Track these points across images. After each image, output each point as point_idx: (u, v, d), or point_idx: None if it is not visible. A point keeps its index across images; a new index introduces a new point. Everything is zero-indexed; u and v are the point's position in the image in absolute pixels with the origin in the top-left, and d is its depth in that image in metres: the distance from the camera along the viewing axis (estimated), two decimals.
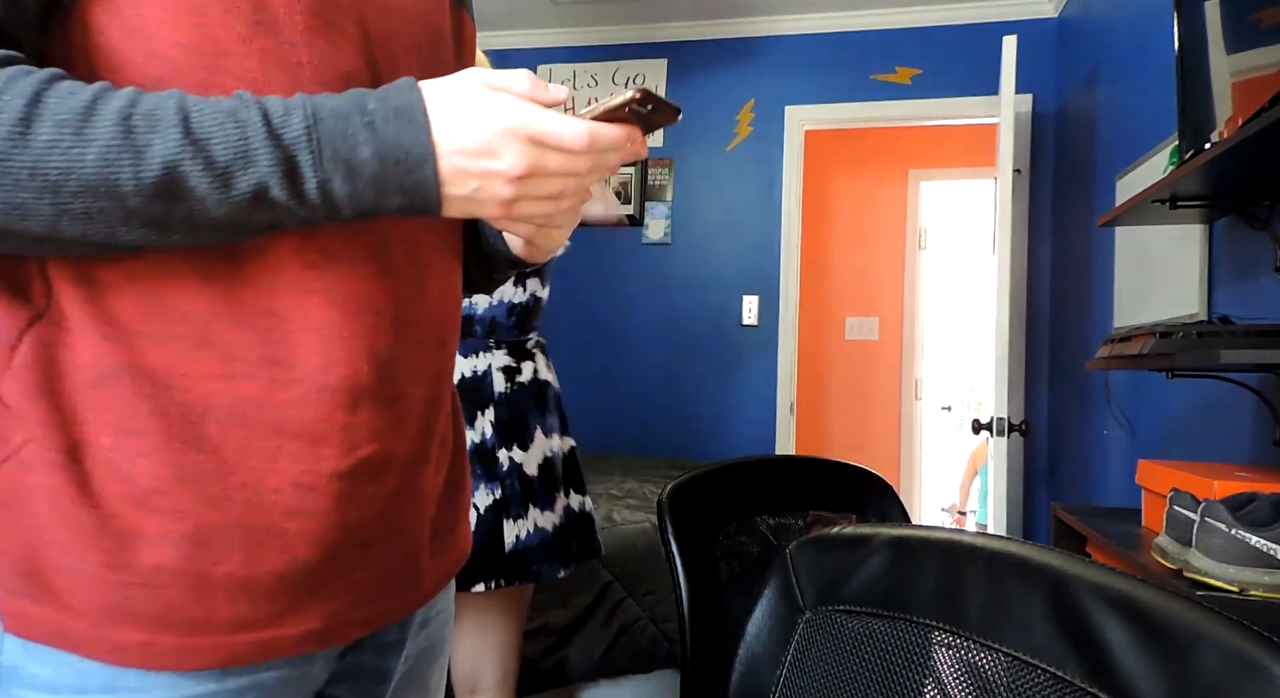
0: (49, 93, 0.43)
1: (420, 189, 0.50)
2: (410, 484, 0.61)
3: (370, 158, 0.48)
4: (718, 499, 1.14)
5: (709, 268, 3.48)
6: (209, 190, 0.45)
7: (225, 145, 0.45)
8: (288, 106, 0.47)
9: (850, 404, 4.50)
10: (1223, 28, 1.43)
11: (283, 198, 0.47)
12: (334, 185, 0.48)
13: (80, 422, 0.49)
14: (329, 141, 0.47)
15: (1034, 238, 3.16)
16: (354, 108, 0.49)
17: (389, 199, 0.50)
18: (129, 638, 0.49)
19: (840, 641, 0.57)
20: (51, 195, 0.43)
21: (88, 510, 0.49)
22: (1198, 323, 1.44)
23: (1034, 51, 3.17)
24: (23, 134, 0.42)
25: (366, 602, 0.58)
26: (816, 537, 0.62)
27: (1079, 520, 1.48)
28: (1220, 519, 0.98)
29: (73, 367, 0.50)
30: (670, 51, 3.54)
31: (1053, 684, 0.45)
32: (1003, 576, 0.49)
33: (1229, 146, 1.20)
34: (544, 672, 1.87)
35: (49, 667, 0.49)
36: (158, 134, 0.44)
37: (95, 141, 0.43)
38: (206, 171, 0.45)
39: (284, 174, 0.46)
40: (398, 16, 0.59)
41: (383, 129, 0.48)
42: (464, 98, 0.51)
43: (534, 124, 0.51)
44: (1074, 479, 2.75)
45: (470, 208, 0.53)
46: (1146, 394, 2.11)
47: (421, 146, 0.49)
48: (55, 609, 0.49)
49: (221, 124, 0.45)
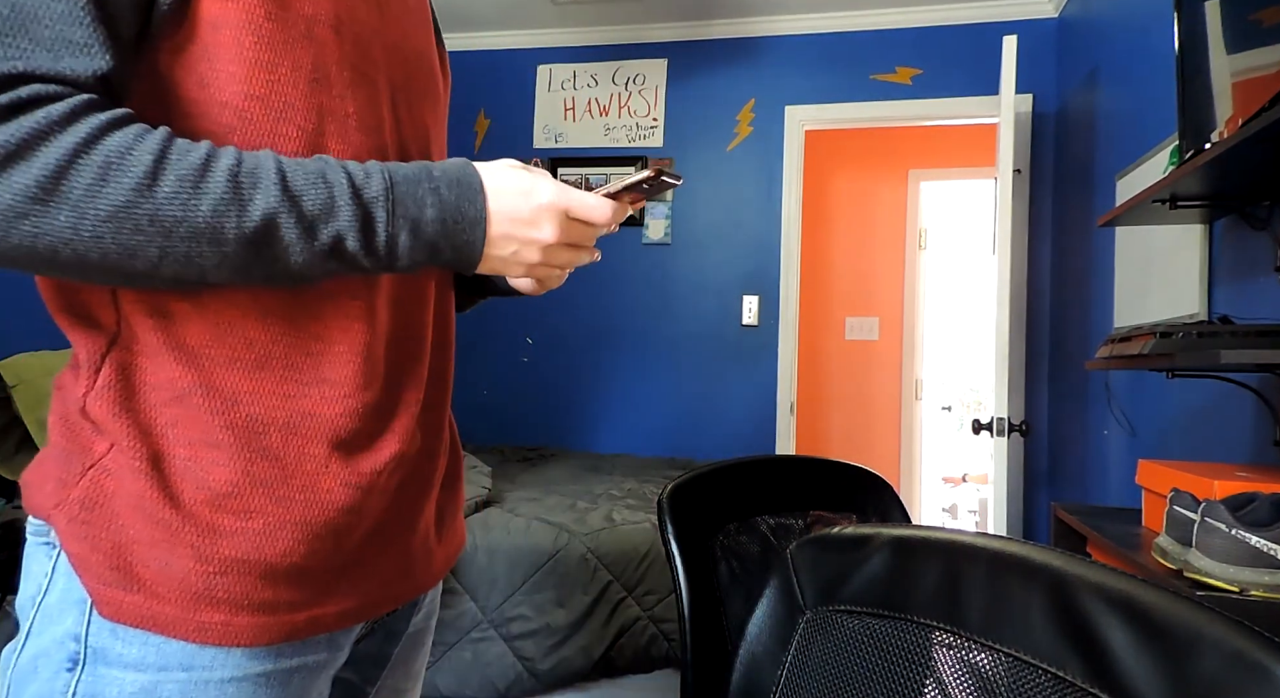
0: (171, 150, 0.50)
1: (467, 248, 0.60)
2: (420, 477, 0.69)
3: (434, 218, 0.57)
4: (718, 499, 1.14)
5: (709, 268, 3.48)
6: (295, 238, 0.53)
7: (315, 201, 0.53)
8: (368, 170, 0.56)
9: (850, 404, 4.50)
10: (1223, 28, 1.43)
11: (355, 247, 0.55)
12: (400, 240, 0.56)
13: (159, 435, 0.57)
14: (401, 201, 0.56)
15: (1034, 238, 3.16)
16: (423, 175, 0.58)
17: (440, 255, 0.59)
18: (212, 619, 0.57)
19: (841, 641, 0.57)
20: (163, 239, 0.49)
21: (171, 511, 0.56)
22: (1198, 323, 1.44)
23: (1034, 51, 3.17)
24: (149, 186, 0.49)
25: (389, 583, 0.67)
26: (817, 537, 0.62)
27: (1079, 520, 1.48)
28: (1220, 519, 0.98)
29: (149, 387, 0.57)
30: (670, 51, 3.54)
31: (1053, 685, 0.45)
32: (1003, 576, 0.49)
33: (1229, 147, 1.20)
34: (544, 672, 1.88)
35: (135, 647, 0.56)
36: (260, 189, 0.51)
37: (209, 195, 0.50)
38: (298, 223, 0.53)
39: (361, 228, 0.54)
40: (407, 65, 0.68)
41: (446, 195, 0.58)
42: (510, 175, 0.61)
43: (572, 202, 0.62)
44: (1074, 479, 2.75)
45: (500, 267, 0.63)
46: (1146, 394, 2.11)
47: (478, 211, 0.59)
48: (145, 597, 0.56)
49: (313, 183, 0.53)
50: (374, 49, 0.64)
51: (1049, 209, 3.14)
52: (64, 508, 0.57)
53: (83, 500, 0.57)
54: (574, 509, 2.21)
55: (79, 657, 0.56)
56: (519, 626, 1.91)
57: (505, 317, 3.66)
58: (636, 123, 3.54)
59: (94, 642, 0.56)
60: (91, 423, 0.57)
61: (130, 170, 0.48)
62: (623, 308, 3.55)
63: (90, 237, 0.48)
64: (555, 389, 3.60)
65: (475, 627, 1.92)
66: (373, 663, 0.74)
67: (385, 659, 0.75)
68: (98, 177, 0.48)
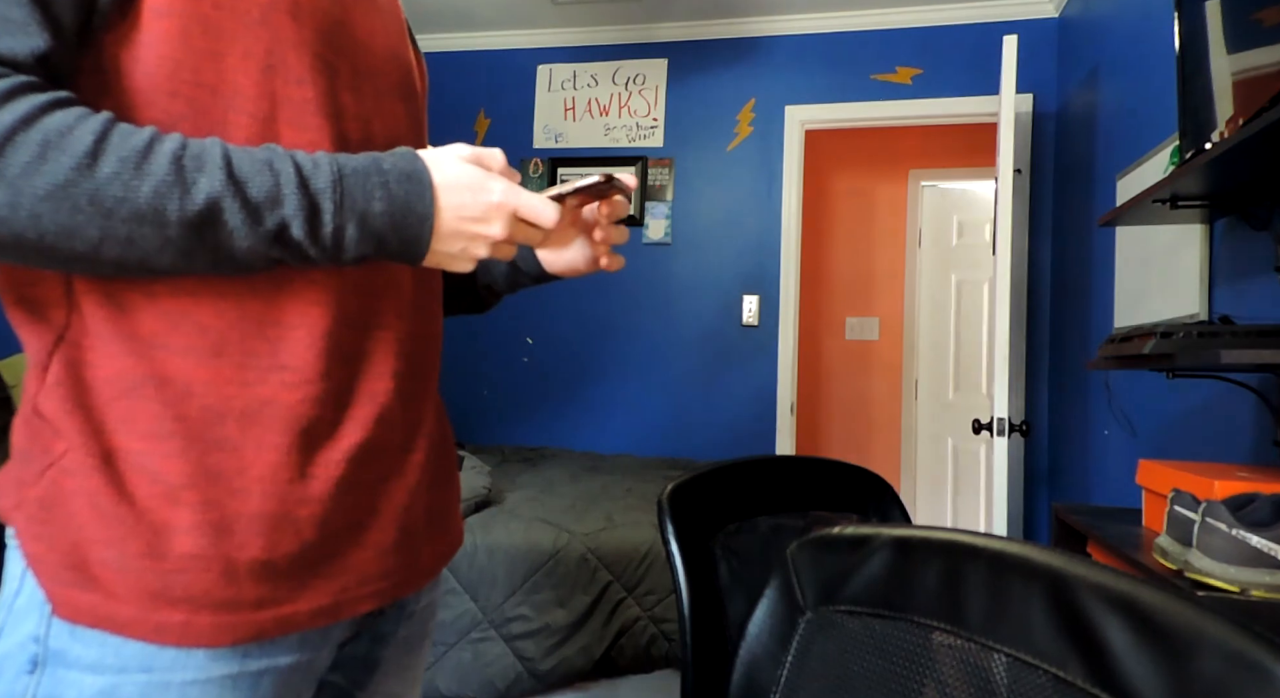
0: (114, 131, 0.50)
1: (415, 242, 0.59)
2: (397, 471, 0.68)
3: (382, 212, 0.57)
4: (718, 499, 1.14)
5: (709, 268, 3.48)
6: (240, 223, 0.52)
7: (260, 187, 0.53)
8: (316, 160, 0.55)
9: (850, 404, 4.50)
10: (1223, 27, 1.43)
11: (300, 236, 0.54)
12: (347, 231, 0.56)
13: (111, 431, 0.56)
14: (349, 193, 0.56)
15: (1034, 238, 3.16)
16: (372, 168, 0.57)
17: (386, 248, 0.58)
18: (170, 619, 0.55)
19: (841, 641, 0.57)
20: (103, 220, 0.49)
21: (125, 508, 0.55)
22: (1198, 323, 1.44)
23: (1034, 51, 3.17)
24: (89, 166, 0.48)
25: (369, 580, 0.65)
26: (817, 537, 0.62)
27: (1079, 521, 1.48)
28: (1221, 519, 0.98)
29: (100, 382, 0.56)
30: (670, 51, 3.54)
31: (1053, 685, 0.45)
32: (1004, 576, 0.49)
33: (1229, 146, 1.20)
34: (544, 672, 1.88)
35: (93, 649, 0.55)
36: (204, 173, 0.51)
37: (151, 176, 0.49)
38: (242, 208, 0.52)
39: (307, 217, 0.54)
40: (377, 56, 0.68)
41: (395, 189, 0.57)
42: (462, 171, 0.60)
43: (520, 202, 0.62)
44: (1074, 479, 2.75)
45: (445, 261, 0.62)
46: (1147, 394, 2.10)
47: (426, 207, 0.58)
48: (102, 596, 0.54)
49: (259, 170, 0.53)
50: (338, 37, 0.63)
51: (1049, 209, 3.14)
52: (23, 508, 0.56)
53: (41, 500, 0.56)
54: (574, 509, 2.21)
55: (38, 659, 0.55)
56: (519, 626, 1.91)
57: (505, 317, 3.66)
58: (636, 123, 3.54)
59: (53, 643, 0.55)
60: (47, 422, 0.56)
61: (70, 150, 0.48)
62: (622, 308, 3.55)
63: (27, 216, 0.47)
64: (555, 389, 3.60)
65: (475, 627, 1.92)
66: (362, 667, 0.72)
67: (375, 663, 0.73)
68: (36, 155, 0.47)
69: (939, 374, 4.41)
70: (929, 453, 4.40)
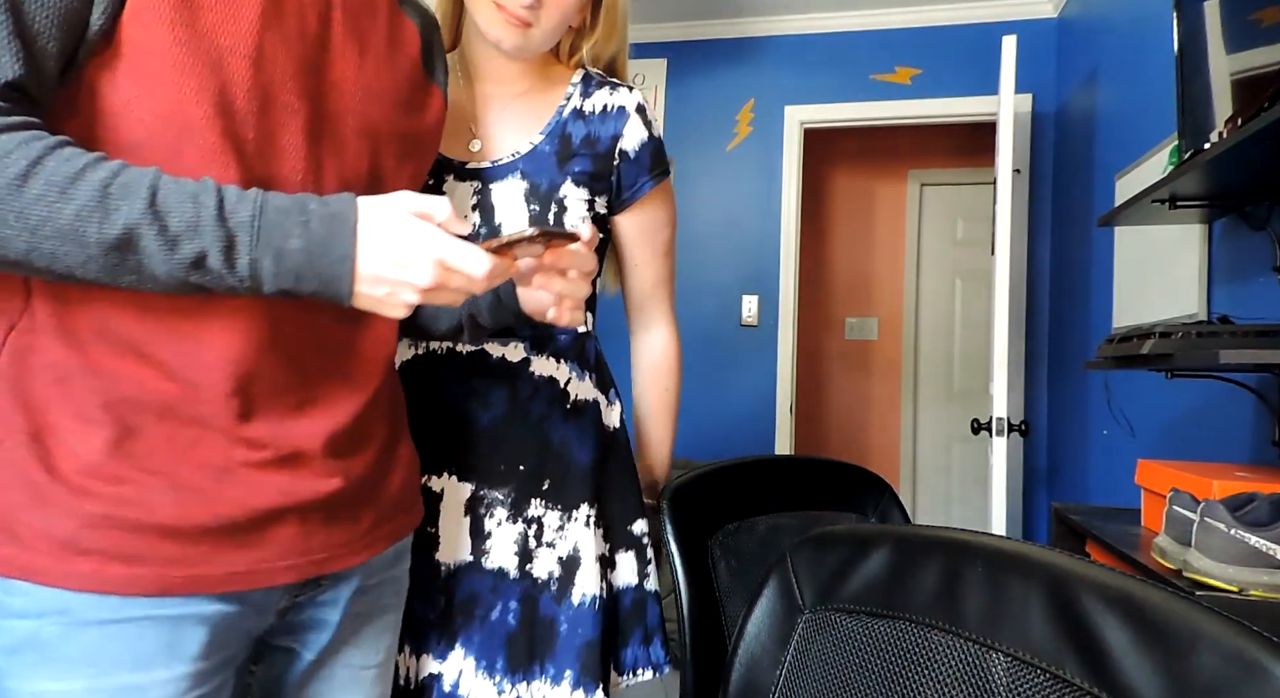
0: (50, 157, 0.55)
1: (335, 282, 0.62)
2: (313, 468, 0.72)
3: (298, 249, 0.61)
4: (717, 499, 1.14)
5: (708, 268, 3.48)
6: (157, 249, 0.57)
7: (180, 219, 0.58)
8: (242, 196, 0.60)
9: (850, 404, 4.50)
10: (1222, 27, 1.43)
11: (218, 266, 0.59)
12: (263, 265, 0.60)
13: (43, 410, 0.63)
14: (267, 229, 0.60)
15: (1033, 238, 3.16)
16: (297, 208, 0.61)
17: (306, 285, 0.62)
18: (83, 568, 0.61)
19: (840, 640, 0.57)
20: (29, 235, 0.55)
21: (46, 477, 0.62)
22: (1197, 323, 1.44)
23: (1034, 51, 3.17)
24: (19, 187, 0.54)
25: (289, 555, 0.71)
26: (816, 536, 0.62)
27: (1079, 521, 1.48)
28: (1220, 519, 0.98)
29: (40, 367, 0.63)
30: (670, 51, 3.54)
31: (1052, 684, 0.45)
32: (1003, 576, 0.49)
33: (1229, 146, 1.20)
34: None
35: (18, 597, 0.61)
36: (127, 202, 0.56)
37: (74, 201, 0.55)
38: (159, 236, 0.57)
39: (224, 248, 0.59)
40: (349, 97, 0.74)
41: (315, 228, 0.61)
42: (393, 218, 0.63)
43: (448, 251, 0.63)
44: (1074, 479, 2.75)
45: (375, 305, 0.65)
46: (1146, 394, 2.11)
47: (346, 247, 0.62)
48: (22, 549, 0.61)
49: (182, 202, 0.58)
50: (304, 80, 0.69)
51: (1048, 209, 3.14)
52: None
53: None
54: None
55: None
56: None
57: None
58: None
59: None
60: None
61: (5, 171, 0.54)
62: (621, 307, 3.55)
63: None
64: None
65: None
66: (310, 632, 0.78)
67: (327, 624, 0.78)
68: None
69: (938, 374, 4.41)
70: (928, 453, 4.40)
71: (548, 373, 1.03)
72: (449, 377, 1.01)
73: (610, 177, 1.05)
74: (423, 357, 1.03)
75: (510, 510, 0.99)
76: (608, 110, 1.05)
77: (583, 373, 1.06)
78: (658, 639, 1.04)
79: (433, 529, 0.98)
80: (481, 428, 1.00)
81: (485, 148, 1.04)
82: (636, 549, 1.05)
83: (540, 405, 1.02)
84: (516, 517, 0.99)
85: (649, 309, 1.17)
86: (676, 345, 1.18)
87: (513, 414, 1.00)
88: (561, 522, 0.99)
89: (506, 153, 1.03)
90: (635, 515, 1.06)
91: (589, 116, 1.05)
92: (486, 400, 1.01)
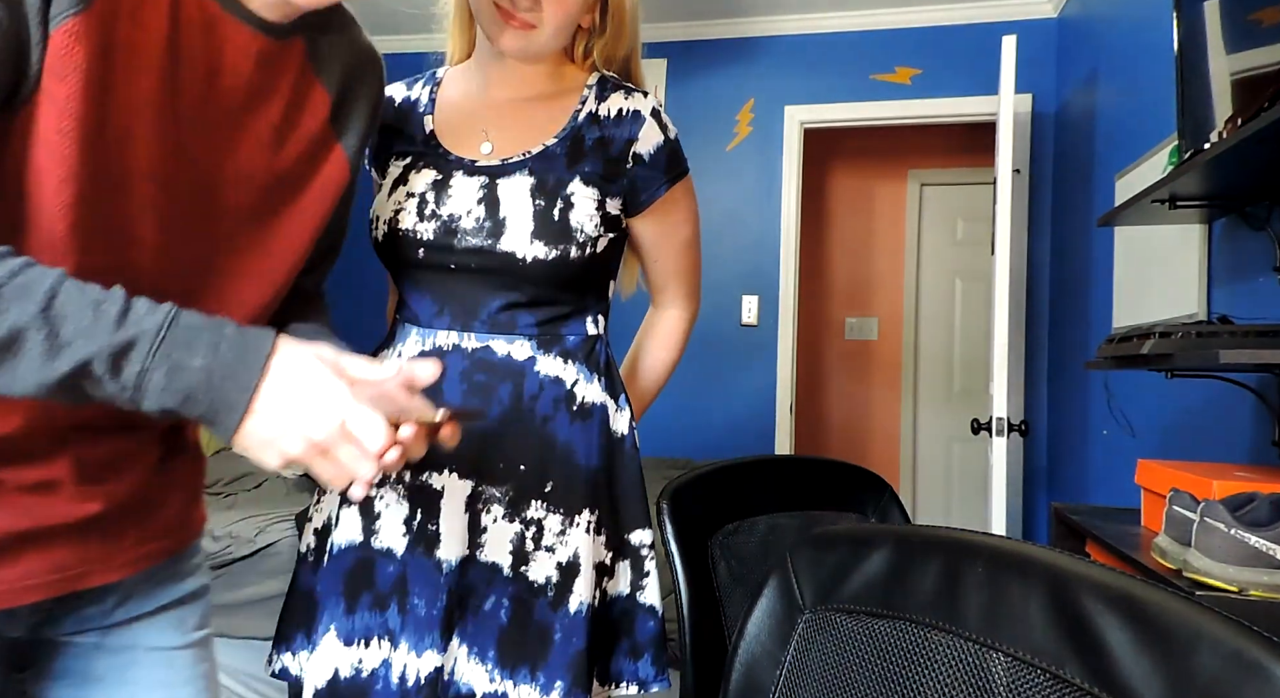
0: None
1: (226, 411, 0.59)
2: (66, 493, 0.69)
3: (198, 368, 0.58)
4: (717, 499, 1.14)
5: (709, 268, 3.45)
6: (38, 355, 0.55)
7: (75, 325, 0.55)
8: (153, 308, 0.58)
9: (850, 404, 4.50)
10: (1222, 27, 1.43)
11: (100, 372, 0.56)
12: (152, 378, 0.57)
13: None
14: (171, 342, 0.57)
15: (1033, 238, 3.16)
16: (211, 327, 0.59)
17: (192, 407, 0.58)
18: None
19: (840, 641, 0.57)
20: None
21: None
22: (1197, 323, 1.44)
23: (1034, 51, 3.17)
24: None
25: (32, 575, 0.68)
26: (816, 536, 0.62)
27: (1079, 521, 1.48)
28: (1220, 519, 0.98)
29: None
30: (669, 51, 3.54)
31: (1052, 684, 0.45)
32: (1003, 576, 0.49)
33: (1228, 146, 1.20)
34: None
35: None
36: (19, 304, 0.54)
37: None
38: (46, 341, 0.55)
39: (112, 354, 0.56)
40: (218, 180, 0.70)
41: (224, 352, 0.58)
42: (310, 368, 0.61)
43: (352, 415, 0.60)
44: (1074, 479, 2.75)
45: (257, 447, 0.61)
46: (1146, 394, 2.11)
47: (251, 377, 0.59)
48: None
49: (83, 308, 0.56)
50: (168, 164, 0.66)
51: (1048, 209, 3.14)
52: None
53: None
54: None
55: None
56: None
57: None
58: None
59: None
60: None
61: None
62: (620, 307, 3.55)
63: None
64: None
65: None
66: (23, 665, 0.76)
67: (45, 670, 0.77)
68: None
69: (938, 374, 4.41)
70: (928, 453, 4.40)
71: (554, 373, 1.03)
72: (452, 372, 1.01)
73: (622, 179, 1.05)
74: (428, 353, 1.03)
75: (508, 509, 0.99)
76: (623, 114, 1.05)
77: (591, 375, 1.06)
78: (648, 655, 1.02)
79: (434, 527, 0.98)
80: (483, 425, 1.00)
81: (497, 149, 1.04)
82: (633, 560, 1.05)
83: (545, 406, 1.01)
84: (514, 516, 0.99)
85: (668, 291, 1.26)
86: (684, 325, 1.21)
87: (515, 412, 1.00)
88: (563, 526, 0.99)
89: (517, 152, 1.03)
90: (638, 525, 1.06)
91: (604, 120, 1.05)
92: (489, 398, 1.00)
